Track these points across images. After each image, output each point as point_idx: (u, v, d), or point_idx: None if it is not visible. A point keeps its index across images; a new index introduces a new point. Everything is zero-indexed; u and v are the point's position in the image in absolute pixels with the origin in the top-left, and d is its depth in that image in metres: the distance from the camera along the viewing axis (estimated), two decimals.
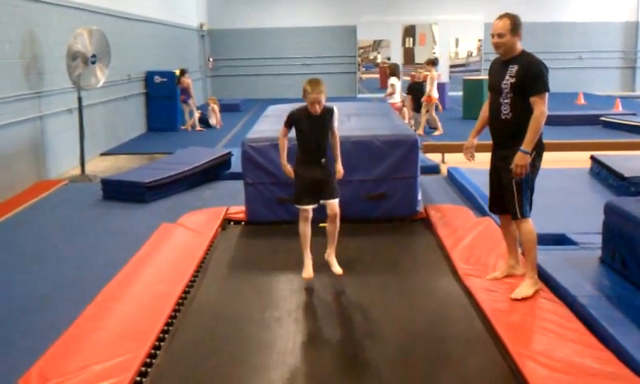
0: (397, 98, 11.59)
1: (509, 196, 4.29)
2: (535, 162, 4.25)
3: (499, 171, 4.36)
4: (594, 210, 5.36)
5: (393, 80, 11.71)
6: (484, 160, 4.70)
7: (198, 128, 14.28)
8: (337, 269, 4.68)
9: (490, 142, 4.48)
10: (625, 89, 22.48)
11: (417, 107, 12.85)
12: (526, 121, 4.12)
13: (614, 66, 22.66)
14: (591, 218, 5.48)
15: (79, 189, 8.28)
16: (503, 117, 4.24)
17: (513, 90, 4.18)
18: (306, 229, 4.68)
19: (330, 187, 4.64)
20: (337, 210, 4.65)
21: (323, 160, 4.64)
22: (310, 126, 4.60)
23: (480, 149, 4.64)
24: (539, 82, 4.11)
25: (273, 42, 22.19)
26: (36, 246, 5.99)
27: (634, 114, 13.87)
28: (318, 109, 4.53)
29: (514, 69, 4.19)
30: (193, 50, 19.73)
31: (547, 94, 4.12)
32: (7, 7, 8.07)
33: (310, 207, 4.64)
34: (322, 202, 4.65)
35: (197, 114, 14.56)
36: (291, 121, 4.67)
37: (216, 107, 14.80)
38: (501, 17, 4.29)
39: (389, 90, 11.77)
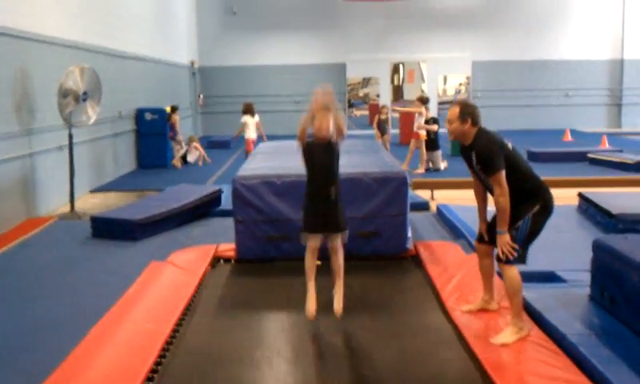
0: (252, 135, 12.06)
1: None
2: (538, 217, 4.25)
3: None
4: (583, 248, 5.40)
5: (244, 118, 12.10)
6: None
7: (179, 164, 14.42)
8: (335, 305, 4.51)
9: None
10: (611, 125, 22.75)
11: (429, 146, 13.00)
12: (513, 195, 4.15)
13: (600, 103, 22.96)
14: (580, 255, 5.52)
15: (69, 226, 8.24)
16: (495, 198, 4.26)
17: (485, 173, 4.28)
18: (309, 261, 4.59)
19: (334, 221, 4.57)
20: (337, 243, 4.59)
21: (332, 188, 4.56)
22: (320, 152, 4.54)
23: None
24: (490, 164, 4.19)
25: (263, 80, 22.36)
26: (25, 283, 5.94)
27: (620, 151, 14.04)
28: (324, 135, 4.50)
29: (474, 156, 4.29)
30: (184, 87, 19.86)
31: (502, 172, 4.15)
32: None
33: (314, 240, 4.57)
34: (326, 234, 4.59)
35: (184, 150, 14.74)
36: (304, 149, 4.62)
37: (198, 145, 15.01)
38: (453, 104, 4.41)
39: (240, 128, 12.21)
